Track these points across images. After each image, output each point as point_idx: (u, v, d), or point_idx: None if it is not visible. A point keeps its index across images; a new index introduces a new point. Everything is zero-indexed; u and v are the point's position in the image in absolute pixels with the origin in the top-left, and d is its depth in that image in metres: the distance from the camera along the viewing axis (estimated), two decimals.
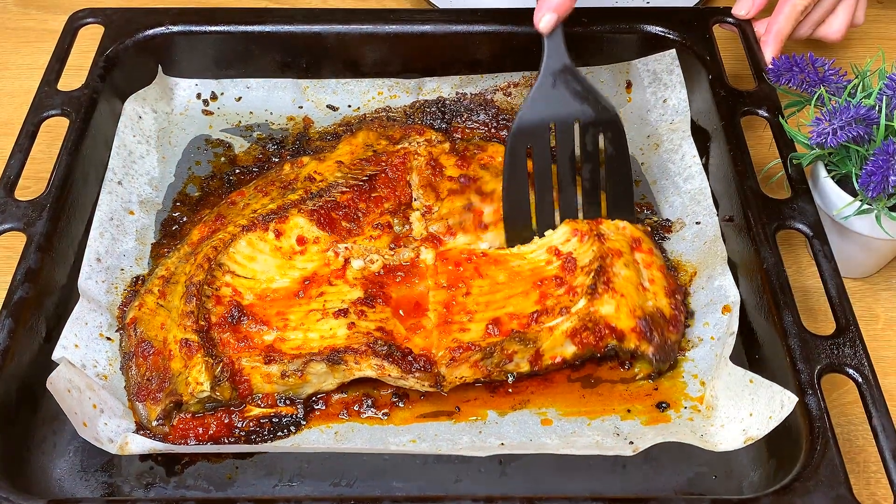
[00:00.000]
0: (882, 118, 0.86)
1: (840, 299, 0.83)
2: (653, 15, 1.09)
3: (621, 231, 0.93)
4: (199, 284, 0.88)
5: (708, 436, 0.81)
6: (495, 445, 0.81)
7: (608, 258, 0.89)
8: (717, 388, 0.83)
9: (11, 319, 0.80)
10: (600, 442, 0.81)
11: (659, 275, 0.91)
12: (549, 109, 0.92)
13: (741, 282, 0.89)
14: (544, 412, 0.84)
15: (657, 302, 0.88)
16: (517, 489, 0.79)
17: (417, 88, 1.11)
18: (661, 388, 0.86)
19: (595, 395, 0.86)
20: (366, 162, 1.01)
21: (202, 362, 0.82)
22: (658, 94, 1.08)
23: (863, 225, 0.89)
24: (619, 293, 0.87)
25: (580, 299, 0.86)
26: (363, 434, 0.82)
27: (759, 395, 0.79)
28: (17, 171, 0.92)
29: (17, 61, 1.19)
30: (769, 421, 0.77)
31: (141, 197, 1.00)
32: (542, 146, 0.92)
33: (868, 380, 0.77)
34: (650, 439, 0.80)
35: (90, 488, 0.79)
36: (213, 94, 1.11)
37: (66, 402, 0.78)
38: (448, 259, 0.92)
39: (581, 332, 0.85)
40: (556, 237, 0.93)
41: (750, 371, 0.81)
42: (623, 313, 0.86)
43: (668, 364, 0.86)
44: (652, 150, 1.06)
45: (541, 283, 0.89)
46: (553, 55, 0.92)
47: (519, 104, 1.11)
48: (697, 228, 0.96)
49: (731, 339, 0.84)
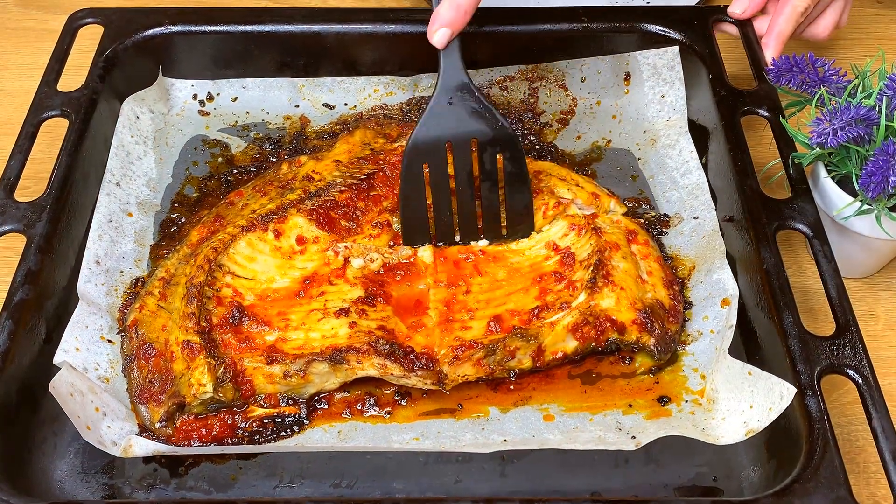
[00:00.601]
0: (882, 118, 0.86)
1: (840, 300, 0.83)
2: (653, 14, 1.09)
3: (616, 224, 0.94)
4: (200, 286, 0.88)
5: (709, 429, 0.81)
6: (498, 442, 0.81)
7: (606, 251, 0.89)
8: (717, 381, 0.83)
9: (11, 321, 0.80)
10: (602, 437, 0.81)
11: (656, 266, 0.91)
12: (446, 128, 0.90)
13: (741, 281, 0.89)
14: (546, 408, 0.84)
15: (656, 293, 0.89)
16: (519, 488, 0.80)
17: (413, 85, 1.11)
18: (662, 383, 0.86)
19: (596, 391, 0.86)
20: (364, 160, 1.01)
21: (204, 364, 0.82)
22: (656, 90, 1.08)
23: (863, 225, 0.89)
24: (619, 286, 0.87)
25: (580, 293, 0.86)
26: (366, 433, 0.83)
27: (758, 387, 0.79)
28: (16, 173, 0.92)
29: (17, 61, 1.19)
30: (769, 413, 0.78)
31: (139, 199, 1.00)
32: (439, 164, 0.90)
33: (868, 381, 0.77)
34: (652, 433, 0.80)
35: (91, 490, 0.79)
36: (210, 94, 1.11)
37: (69, 406, 0.78)
38: (447, 257, 0.92)
39: (582, 326, 0.85)
40: (554, 231, 0.93)
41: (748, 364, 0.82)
42: (623, 306, 0.86)
43: (669, 355, 0.87)
44: (649, 146, 1.06)
45: (540, 278, 0.90)
46: (449, 72, 0.90)
47: (515, 98, 1.11)
48: (695, 223, 0.97)
49: (729, 332, 0.84)
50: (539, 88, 1.11)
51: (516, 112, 1.10)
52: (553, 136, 1.09)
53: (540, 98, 1.11)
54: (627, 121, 1.09)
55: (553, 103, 1.11)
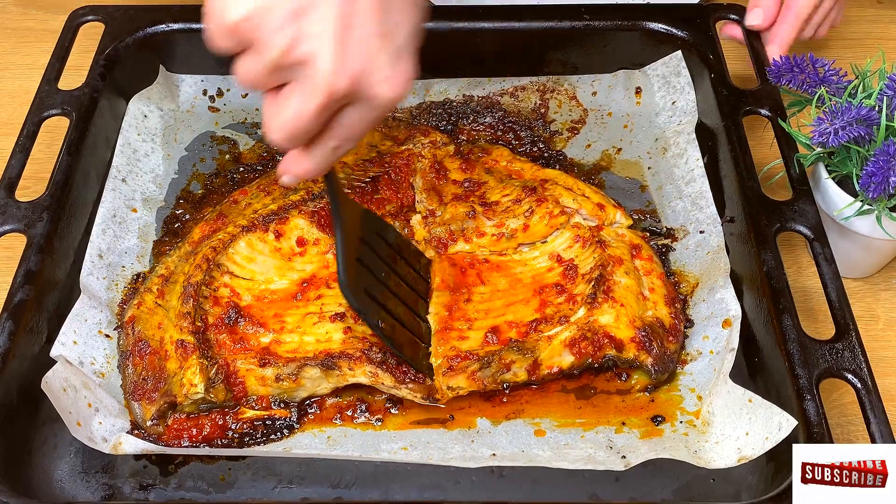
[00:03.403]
0: (882, 118, 0.85)
1: (840, 303, 0.82)
2: (655, 12, 1.08)
3: (620, 238, 0.93)
4: (197, 285, 0.88)
5: (702, 452, 0.80)
6: (486, 456, 0.80)
7: (609, 266, 0.88)
8: (714, 404, 0.82)
9: (12, 321, 0.81)
10: (592, 455, 0.80)
11: (659, 283, 0.90)
12: (362, 257, 0.85)
13: (741, 284, 0.88)
14: (538, 422, 0.84)
15: (657, 311, 0.88)
16: (514, 493, 0.79)
17: (424, 90, 1.11)
18: (658, 401, 0.85)
19: (590, 406, 0.85)
20: (369, 163, 1.00)
21: (197, 364, 0.82)
22: (667, 98, 1.07)
23: (863, 225, 0.88)
24: (619, 302, 0.86)
25: (580, 308, 0.85)
26: (356, 439, 0.82)
27: (757, 416, 0.78)
28: (17, 172, 0.92)
29: (17, 61, 1.19)
30: (765, 442, 0.76)
31: (144, 194, 1.00)
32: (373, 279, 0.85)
33: (867, 385, 0.76)
34: (643, 454, 0.79)
35: (91, 490, 0.79)
36: (220, 90, 1.11)
37: (61, 402, 0.79)
38: (454, 262, 0.92)
39: (580, 341, 0.84)
40: (559, 243, 0.92)
41: (750, 387, 0.80)
42: (622, 323, 0.85)
43: (666, 375, 0.86)
44: (659, 155, 1.05)
45: (541, 290, 0.89)
46: (342, 204, 0.82)
47: (526, 107, 1.10)
48: (701, 238, 0.95)
49: (730, 355, 0.83)
50: (550, 99, 1.10)
51: (527, 120, 1.09)
52: (563, 144, 1.08)
53: (550, 108, 1.10)
54: (639, 130, 1.08)
55: (564, 113, 1.10)
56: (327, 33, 0.64)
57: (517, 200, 0.96)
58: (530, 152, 1.06)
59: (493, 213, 0.96)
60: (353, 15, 0.65)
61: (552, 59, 1.10)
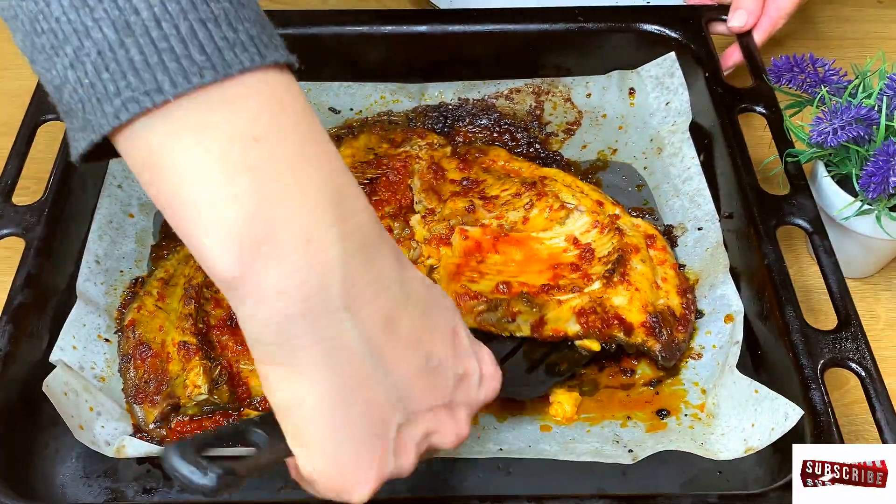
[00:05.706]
0: (882, 118, 0.86)
1: (841, 294, 0.82)
2: (647, 12, 1.09)
3: (636, 228, 0.93)
4: (198, 287, 0.87)
5: (708, 444, 0.80)
6: (494, 451, 0.80)
7: (627, 252, 0.89)
8: (719, 396, 0.82)
9: (12, 325, 0.80)
10: (599, 449, 0.80)
11: (672, 273, 0.91)
12: None
13: (742, 278, 0.89)
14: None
15: (669, 300, 0.88)
16: (522, 486, 0.79)
17: (420, 94, 1.11)
18: (662, 395, 0.85)
19: (595, 402, 0.85)
20: (367, 165, 1.00)
21: (200, 365, 0.82)
22: (661, 99, 1.08)
23: (863, 225, 0.89)
24: (634, 286, 0.87)
25: (595, 282, 0.86)
26: None
27: (763, 406, 0.78)
28: (14, 176, 0.91)
29: (18, 61, 1.17)
30: (771, 432, 0.76)
31: (141, 200, 1.00)
32: None
33: (871, 374, 0.76)
34: (649, 448, 0.79)
35: (93, 494, 0.78)
36: None
37: (63, 406, 0.78)
38: (466, 235, 0.92)
39: (589, 313, 0.84)
40: (578, 226, 0.93)
41: (756, 378, 0.81)
42: (635, 307, 0.85)
43: (673, 362, 0.86)
44: (655, 155, 1.05)
45: (556, 265, 0.90)
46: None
47: (521, 109, 1.11)
48: (699, 234, 0.96)
49: (735, 348, 0.83)
50: (545, 101, 1.11)
51: (522, 122, 1.10)
52: (559, 145, 1.08)
53: (546, 110, 1.11)
54: (633, 130, 1.08)
55: (559, 115, 1.10)
56: None
57: (517, 194, 0.96)
58: (527, 153, 1.06)
59: (493, 206, 0.96)
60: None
61: (546, 61, 1.11)
